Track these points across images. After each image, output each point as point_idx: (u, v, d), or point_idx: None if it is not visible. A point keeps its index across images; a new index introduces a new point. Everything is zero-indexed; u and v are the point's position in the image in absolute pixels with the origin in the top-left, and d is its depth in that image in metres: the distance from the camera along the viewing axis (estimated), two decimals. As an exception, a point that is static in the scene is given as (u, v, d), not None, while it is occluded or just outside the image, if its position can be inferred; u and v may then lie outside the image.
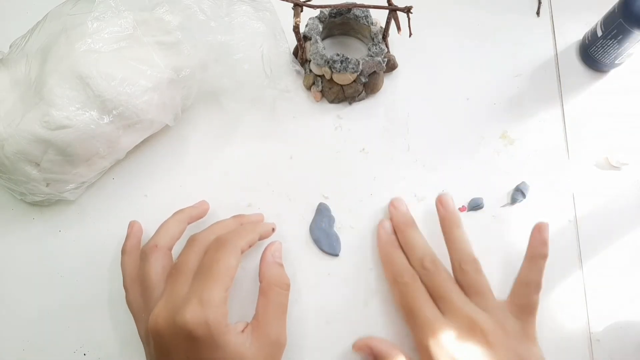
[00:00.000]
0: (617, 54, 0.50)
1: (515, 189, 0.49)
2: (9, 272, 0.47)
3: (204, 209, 0.47)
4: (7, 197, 0.49)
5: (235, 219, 0.45)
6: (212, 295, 0.35)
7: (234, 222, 0.44)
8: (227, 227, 0.43)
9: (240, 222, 0.45)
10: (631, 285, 0.47)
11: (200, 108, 0.53)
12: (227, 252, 0.38)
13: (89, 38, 0.43)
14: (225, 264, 0.37)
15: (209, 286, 0.35)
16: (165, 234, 0.42)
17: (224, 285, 0.36)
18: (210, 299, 0.35)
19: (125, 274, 0.42)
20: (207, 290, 0.35)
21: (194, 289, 0.36)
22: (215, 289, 0.35)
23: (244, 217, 0.46)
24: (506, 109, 0.53)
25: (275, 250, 0.43)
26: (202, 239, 0.41)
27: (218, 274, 0.36)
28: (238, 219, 0.45)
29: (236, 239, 0.39)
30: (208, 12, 0.46)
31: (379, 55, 0.50)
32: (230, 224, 0.44)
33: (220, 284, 0.36)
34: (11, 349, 0.45)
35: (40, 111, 0.42)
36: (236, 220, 0.45)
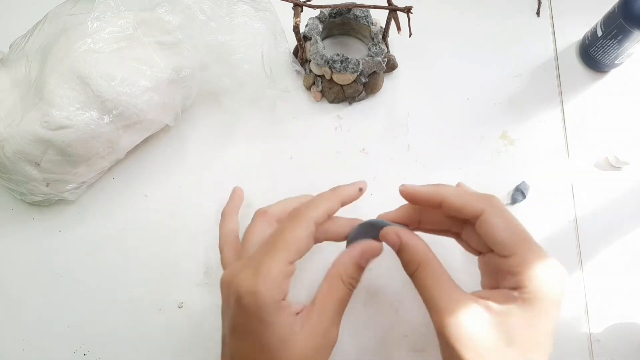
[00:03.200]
0: (617, 54, 0.50)
1: (515, 189, 0.49)
2: (9, 272, 0.47)
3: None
4: (7, 197, 0.49)
5: (330, 191, 0.39)
6: (270, 266, 0.32)
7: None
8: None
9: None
10: (631, 285, 0.47)
11: (200, 108, 0.53)
12: (296, 222, 0.34)
13: (89, 38, 0.43)
14: (292, 235, 0.34)
15: (269, 256, 0.33)
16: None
17: (286, 257, 0.33)
18: (266, 270, 0.32)
19: (221, 236, 0.42)
20: (266, 260, 0.33)
21: (255, 256, 0.34)
22: (275, 260, 0.32)
23: (339, 188, 0.39)
24: (506, 109, 0.53)
25: (367, 251, 0.37)
26: (272, 210, 0.40)
27: (282, 245, 0.33)
28: (332, 190, 0.39)
29: (309, 209, 0.35)
30: (208, 12, 0.46)
31: (379, 55, 0.50)
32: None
33: (281, 256, 0.33)
34: (11, 349, 0.45)
35: (40, 111, 0.42)
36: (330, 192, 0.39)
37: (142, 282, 0.47)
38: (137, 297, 0.46)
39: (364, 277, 0.46)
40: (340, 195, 0.37)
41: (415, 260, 0.35)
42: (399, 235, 0.36)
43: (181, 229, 0.48)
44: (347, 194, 0.38)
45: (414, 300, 0.46)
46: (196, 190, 0.50)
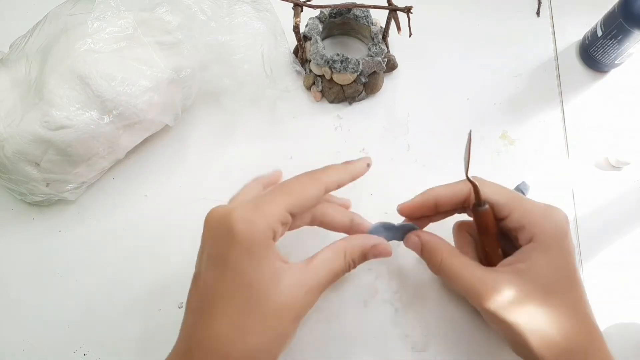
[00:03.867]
0: (617, 54, 0.50)
1: (515, 189, 0.49)
2: (9, 272, 0.47)
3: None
4: (7, 197, 0.49)
5: (343, 164, 0.40)
6: (271, 205, 0.32)
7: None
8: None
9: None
10: (631, 285, 0.47)
11: (200, 108, 0.53)
12: (308, 178, 0.35)
13: (89, 38, 0.43)
14: (299, 185, 0.34)
15: (272, 196, 0.33)
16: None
17: (289, 203, 0.33)
18: (267, 206, 0.32)
19: (240, 193, 0.40)
20: (268, 199, 0.33)
21: (256, 197, 0.34)
22: (277, 202, 0.32)
23: (351, 162, 0.40)
24: (506, 109, 0.53)
25: (379, 248, 0.37)
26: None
27: (287, 191, 0.33)
28: (344, 164, 0.40)
29: (321, 173, 0.36)
30: (208, 12, 0.46)
31: (379, 55, 0.50)
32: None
33: (284, 199, 0.33)
34: (11, 349, 0.45)
35: (40, 111, 0.42)
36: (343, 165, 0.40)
37: (142, 282, 0.47)
38: (137, 297, 0.46)
39: (364, 277, 0.47)
40: (352, 169, 0.38)
41: (437, 254, 0.38)
42: (418, 235, 0.39)
43: (181, 229, 0.48)
44: (358, 169, 0.38)
45: (414, 300, 0.46)
46: (196, 190, 0.50)
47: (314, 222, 0.39)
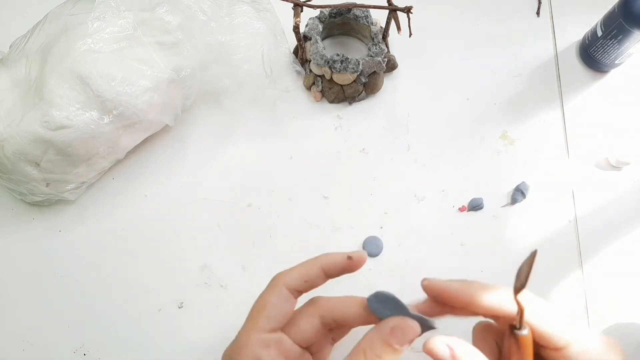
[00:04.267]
0: (617, 54, 0.50)
1: (515, 189, 0.49)
2: (9, 272, 0.47)
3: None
4: (7, 197, 0.49)
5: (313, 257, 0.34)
6: (245, 335, 0.31)
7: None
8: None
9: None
10: (631, 285, 0.47)
11: (200, 108, 0.53)
12: (268, 288, 0.33)
13: (89, 38, 0.43)
14: (262, 301, 0.32)
15: (244, 326, 0.32)
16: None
17: (261, 325, 0.31)
18: (240, 340, 0.31)
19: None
20: (241, 330, 0.32)
21: (241, 332, 0.32)
22: (249, 330, 0.31)
23: (324, 254, 0.34)
24: (506, 109, 0.53)
25: (401, 329, 0.30)
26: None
27: (254, 313, 0.32)
28: (315, 256, 0.34)
29: (283, 274, 0.33)
30: (208, 13, 0.46)
31: (379, 55, 0.50)
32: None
33: (254, 324, 0.31)
34: (11, 349, 0.45)
35: (40, 111, 0.42)
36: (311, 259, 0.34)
37: (142, 282, 0.47)
38: (137, 297, 0.46)
39: (365, 278, 0.47)
40: (322, 261, 0.33)
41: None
42: (450, 347, 0.28)
43: (181, 229, 0.48)
44: (330, 261, 0.33)
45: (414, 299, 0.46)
46: (196, 190, 0.50)
47: (330, 326, 0.33)
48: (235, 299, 0.46)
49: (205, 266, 0.47)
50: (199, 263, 0.47)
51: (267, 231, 0.48)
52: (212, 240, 0.48)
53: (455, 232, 0.48)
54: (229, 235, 0.48)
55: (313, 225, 0.49)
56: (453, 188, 0.50)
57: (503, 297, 0.30)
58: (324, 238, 0.48)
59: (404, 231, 0.48)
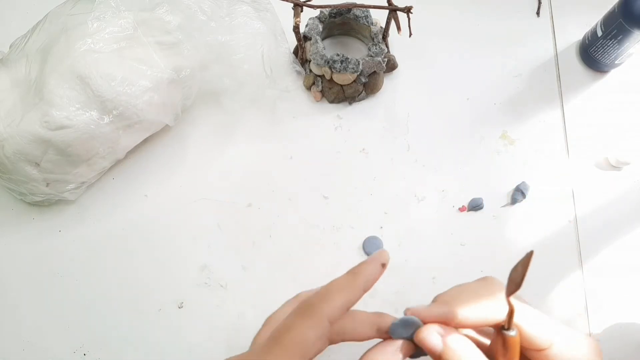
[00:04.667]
0: (617, 54, 0.50)
1: (515, 189, 0.49)
2: (9, 272, 0.47)
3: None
4: (7, 197, 0.49)
5: (349, 275, 0.31)
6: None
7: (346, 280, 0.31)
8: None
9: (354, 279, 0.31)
10: (631, 285, 0.47)
11: (200, 108, 0.53)
12: (306, 318, 0.28)
13: (89, 38, 0.43)
14: (299, 336, 0.28)
15: (269, 353, 0.28)
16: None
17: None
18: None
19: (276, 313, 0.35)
20: (265, 357, 0.28)
21: (256, 353, 0.29)
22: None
23: (359, 270, 0.31)
24: (506, 109, 0.53)
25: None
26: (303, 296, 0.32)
27: (287, 347, 0.28)
28: (351, 275, 0.31)
29: (322, 302, 0.29)
30: (208, 12, 0.46)
31: (379, 55, 0.50)
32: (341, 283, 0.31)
33: (284, 357, 0.28)
34: (11, 349, 0.45)
35: (40, 111, 0.42)
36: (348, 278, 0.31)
37: (142, 282, 0.47)
38: (137, 297, 0.46)
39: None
40: (363, 280, 0.30)
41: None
42: (443, 338, 0.28)
43: (181, 229, 0.48)
44: (369, 277, 0.30)
45: (413, 299, 0.46)
46: (196, 190, 0.50)
47: (335, 342, 0.31)
48: (235, 299, 0.46)
49: (205, 266, 0.47)
50: (199, 263, 0.47)
51: (267, 231, 0.48)
52: (212, 240, 0.48)
53: (455, 232, 0.48)
54: (229, 235, 0.48)
55: (313, 225, 0.49)
56: (453, 188, 0.50)
57: (488, 311, 0.29)
58: (324, 238, 0.48)
59: (404, 231, 0.48)
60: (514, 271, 0.28)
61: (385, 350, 0.29)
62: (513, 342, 0.29)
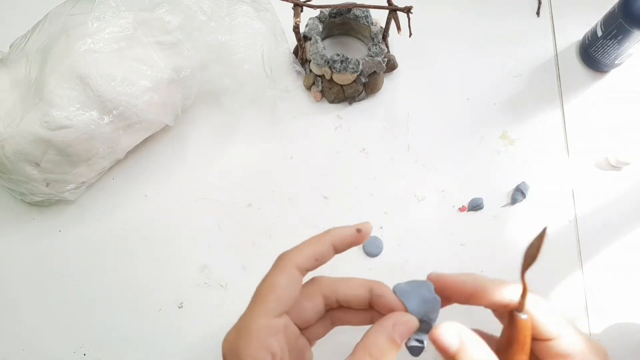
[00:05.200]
0: (617, 54, 0.50)
1: (515, 189, 0.49)
2: (9, 272, 0.47)
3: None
4: (7, 197, 0.49)
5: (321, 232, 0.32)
6: (251, 322, 0.29)
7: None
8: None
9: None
10: (631, 285, 0.47)
11: (200, 108, 0.53)
12: (277, 268, 0.30)
13: (89, 38, 0.43)
14: (270, 283, 0.30)
15: (249, 310, 0.30)
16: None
17: (268, 310, 0.29)
18: (245, 326, 0.29)
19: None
20: (246, 316, 0.29)
21: (244, 313, 0.30)
22: (255, 315, 0.29)
23: (331, 229, 0.32)
24: (506, 109, 0.53)
25: (401, 324, 0.29)
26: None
27: (260, 296, 0.30)
28: (323, 232, 0.32)
29: (292, 253, 0.31)
30: (208, 13, 0.46)
31: (379, 55, 0.50)
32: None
33: (261, 309, 0.29)
34: (11, 349, 0.45)
35: (40, 111, 0.42)
36: (319, 234, 0.32)
37: (142, 282, 0.47)
38: (137, 297, 0.46)
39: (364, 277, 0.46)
40: (332, 237, 0.31)
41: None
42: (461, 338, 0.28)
43: (181, 229, 0.48)
44: (340, 235, 0.31)
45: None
46: (196, 190, 0.50)
47: (332, 306, 0.32)
48: (235, 299, 0.46)
49: (205, 266, 0.47)
50: (199, 263, 0.47)
51: (267, 231, 0.48)
52: (212, 240, 0.48)
53: (455, 232, 0.48)
54: (229, 235, 0.48)
55: (313, 225, 0.49)
56: (453, 188, 0.50)
57: (507, 291, 0.30)
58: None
59: (404, 231, 0.48)
60: (529, 248, 0.29)
61: (383, 325, 0.29)
62: (525, 325, 0.29)
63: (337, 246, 0.31)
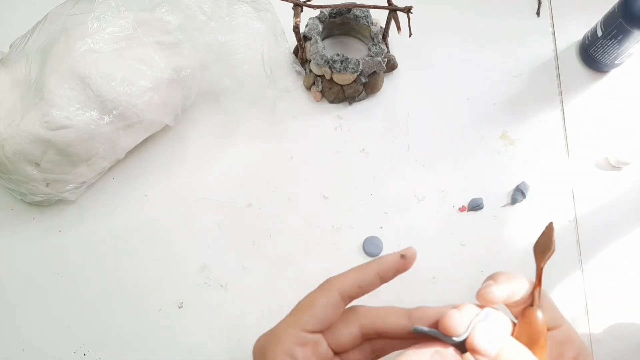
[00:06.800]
0: (617, 54, 0.50)
1: (515, 189, 0.49)
2: (9, 272, 0.47)
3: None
4: (7, 197, 0.49)
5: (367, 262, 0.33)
6: (282, 329, 0.30)
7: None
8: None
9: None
10: (631, 285, 0.47)
11: (200, 108, 0.53)
12: (319, 289, 0.31)
13: (89, 38, 0.43)
14: (309, 300, 0.31)
15: (284, 320, 0.31)
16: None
17: (301, 323, 0.30)
18: (275, 332, 0.30)
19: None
20: (279, 323, 0.31)
21: (280, 322, 0.31)
22: (288, 325, 0.30)
23: (377, 258, 0.33)
24: (506, 109, 0.53)
25: (440, 355, 0.28)
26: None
27: (297, 310, 0.31)
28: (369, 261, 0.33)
29: (337, 278, 0.31)
30: (208, 12, 0.46)
31: (379, 55, 0.50)
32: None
33: (295, 321, 0.30)
34: (11, 349, 0.45)
35: (40, 111, 0.42)
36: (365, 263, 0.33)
37: (142, 282, 0.47)
38: (137, 297, 0.46)
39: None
40: (378, 266, 0.32)
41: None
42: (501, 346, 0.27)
43: (181, 229, 0.48)
44: (386, 265, 0.32)
45: (414, 299, 0.46)
46: (196, 190, 0.50)
47: (366, 336, 0.32)
48: (235, 299, 0.46)
49: (205, 266, 0.47)
50: (199, 263, 0.47)
51: (267, 231, 0.48)
52: (212, 240, 0.48)
53: (455, 232, 0.48)
54: (229, 235, 0.48)
55: (313, 225, 0.49)
56: (453, 188, 0.50)
57: (522, 285, 0.30)
58: (324, 238, 0.48)
59: (404, 231, 0.48)
60: (542, 238, 0.30)
61: (420, 352, 0.28)
62: (541, 320, 0.29)
63: (383, 275, 0.32)
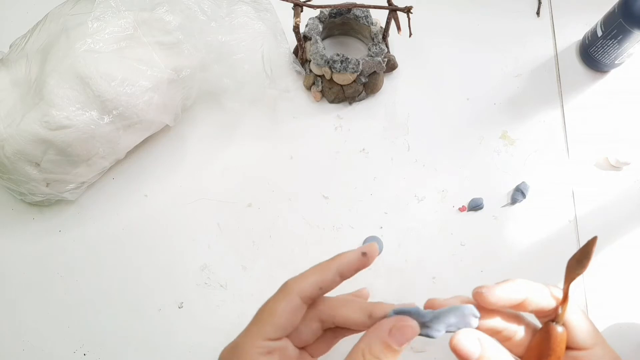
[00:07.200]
0: (617, 54, 0.50)
1: (515, 189, 0.49)
2: (9, 272, 0.47)
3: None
4: (7, 197, 0.49)
5: (327, 260, 0.32)
6: (246, 343, 0.29)
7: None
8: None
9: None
10: (631, 285, 0.47)
11: (200, 108, 0.53)
12: (279, 294, 0.30)
13: (89, 38, 0.43)
14: (270, 308, 0.30)
15: (247, 330, 0.30)
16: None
17: (264, 333, 0.29)
18: (240, 345, 0.30)
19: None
20: (243, 337, 0.30)
21: (242, 332, 0.31)
22: (251, 337, 0.30)
23: (337, 255, 0.32)
24: (506, 109, 0.53)
25: (399, 329, 0.28)
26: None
27: (259, 320, 0.30)
28: (328, 259, 0.32)
29: (296, 281, 0.31)
30: (208, 13, 0.46)
31: (379, 55, 0.50)
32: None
33: (258, 331, 0.30)
34: (11, 349, 0.45)
35: (40, 111, 0.42)
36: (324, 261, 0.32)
37: (142, 282, 0.47)
38: (137, 297, 0.47)
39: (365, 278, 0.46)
40: (338, 264, 0.31)
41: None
42: (481, 343, 0.27)
43: (181, 229, 0.49)
44: (346, 262, 0.31)
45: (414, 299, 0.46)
46: (196, 190, 0.50)
47: (329, 327, 0.32)
48: (235, 299, 0.46)
49: (205, 266, 0.47)
50: (199, 263, 0.47)
51: (267, 231, 0.48)
52: (212, 240, 0.48)
53: (455, 232, 0.48)
54: (229, 235, 0.48)
55: (313, 225, 0.49)
56: (453, 188, 0.50)
57: (549, 295, 0.30)
58: (324, 238, 0.48)
59: (404, 231, 0.48)
60: (579, 254, 0.29)
61: (380, 329, 0.29)
62: (562, 337, 0.28)
63: (344, 273, 0.31)
